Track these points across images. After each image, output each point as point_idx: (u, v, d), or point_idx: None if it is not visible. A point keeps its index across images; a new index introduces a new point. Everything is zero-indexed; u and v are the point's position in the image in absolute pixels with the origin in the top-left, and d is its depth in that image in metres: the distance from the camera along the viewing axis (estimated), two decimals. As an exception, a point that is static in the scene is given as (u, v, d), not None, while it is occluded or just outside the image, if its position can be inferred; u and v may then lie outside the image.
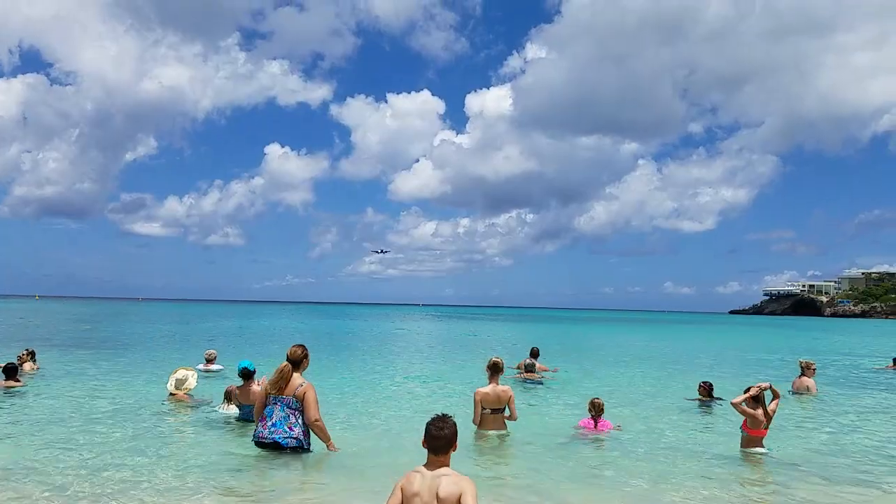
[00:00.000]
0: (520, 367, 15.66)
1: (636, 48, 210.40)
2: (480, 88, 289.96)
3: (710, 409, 11.72)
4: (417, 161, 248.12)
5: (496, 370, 8.62)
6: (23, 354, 15.35)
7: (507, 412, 8.67)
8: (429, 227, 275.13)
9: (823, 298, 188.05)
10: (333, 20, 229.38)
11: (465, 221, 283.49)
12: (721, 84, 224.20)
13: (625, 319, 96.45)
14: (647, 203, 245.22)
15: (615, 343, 36.19)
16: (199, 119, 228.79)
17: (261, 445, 7.24)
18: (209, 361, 15.74)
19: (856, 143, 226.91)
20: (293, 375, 7.16)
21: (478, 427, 8.55)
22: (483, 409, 8.52)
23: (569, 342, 35.49)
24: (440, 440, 4.31)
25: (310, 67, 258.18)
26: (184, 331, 38.50)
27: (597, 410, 9.35)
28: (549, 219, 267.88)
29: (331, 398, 11.46)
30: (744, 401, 8.25)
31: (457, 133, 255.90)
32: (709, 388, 12.42)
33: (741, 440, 8.33)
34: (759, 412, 8.19)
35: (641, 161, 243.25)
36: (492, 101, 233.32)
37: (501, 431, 8.65)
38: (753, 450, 8.16)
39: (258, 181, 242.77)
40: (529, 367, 15.36)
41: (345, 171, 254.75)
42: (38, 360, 16.06)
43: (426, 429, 4.40)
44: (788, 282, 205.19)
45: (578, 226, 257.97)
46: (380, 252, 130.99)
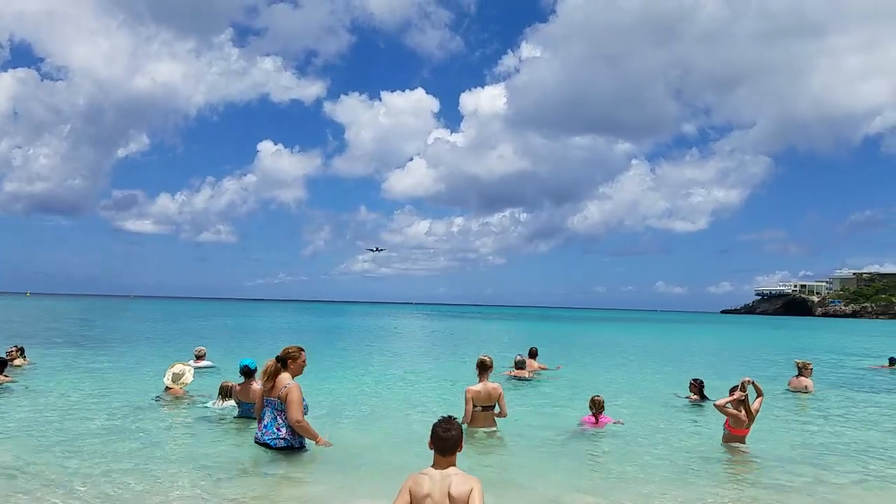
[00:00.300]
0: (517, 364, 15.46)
1: (630, 48, 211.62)
2: (475, 87, 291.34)
3: (701, 407, 11.77)
4: (411, 159, 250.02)
5: (484, 368, 8.71)
6: (12, 350, 15.30)
7: (498, 409, 8.73)
8: (422, 226, 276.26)
9: (815, 298, 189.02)
10: (328, 17, 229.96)
11: (459, 220, 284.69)
12: (714, 85, 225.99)
13: (617, 319, 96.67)
14: (640, 203, 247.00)
15: (607, 342, 36.30)
16: (192, 115, 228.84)
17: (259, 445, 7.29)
18: (199, 358, 15.74)
19: (848, 145, 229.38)
20: (281, 375, 7.03)
21: (468, 425, 8.57)
22: (474, 407, 8.59)
23: (562, 341, 35.56)
24: (447, 441, 4.40)
25: (303, 64, 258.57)
26: (175, 328, 38.36)
27: (597, 407, 9.50)
28: (543, 218, 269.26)
29: (326, 396, 11.47)
30: (727, 402, 8.35)
31: (451, 132, 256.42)
32: (700, 386, 12.48)
33: (723, 437, 8.45)
34: (742, 413, 8.29)
35: (635, 161, 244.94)
36: (486, 100, 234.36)
37: (492, 428, 8.70)
38: (736, 445, 8.25)
39: (251, 178, 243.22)
40: (520, 364, 15.17)
41: (338, 169, 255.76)
42: (30, 357, 16.02)
43: (433, 431, 4.48)
44: (780, 282, 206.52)
45: (572, 225, 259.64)
46: (374, 250, 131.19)
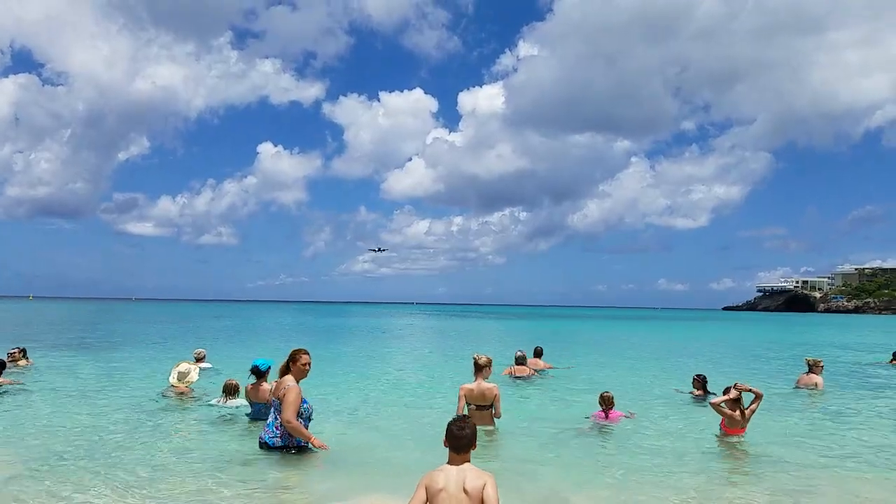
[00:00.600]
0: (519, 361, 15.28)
1: (628, 46, 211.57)
2: (473, 87, 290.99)
3: (704, 402, 11.74)
4: (410, 159, 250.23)
5: (478, 367, 8.67)
6: (15, 352, 15.32)
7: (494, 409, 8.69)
8: (422, 226, 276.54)
9: (817, 294, 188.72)
10: (326, 19, 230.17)
11: (458, 220, 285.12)
12: (713, 81, 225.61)
13: (618, 317, 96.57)
14: (640, 200, 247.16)
15: (608, 339, 36.25)
16: (192, 118, 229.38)
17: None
18: (198, 360, 15.70)
19: (848, 140, 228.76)
20: (286, 377, 7.16)
21: None
22: (469, 406, 8.57)
23: (563, 339, 35.53)
24: (462, 439, 4.54)
25: (302, 66, 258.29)
26: (177, 330, 38.38)
27: (607, 404, 9.64)
28: (543, 217, 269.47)
29: (328, 395, 11.46)
30: (722, 402, 8.40)
31: (449, 131, 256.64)
32: (703, 382, 12.45)
33: (719, 436, 8.51)
34: (737, 413, 8.32)
35: (634, 158, 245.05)
36: (484, 100, 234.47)
37: (488, 427, 8.65)
38: (734, 441, 8.29)
39: (251, 180, 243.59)
40: (520, 360, 14.91)
41: (338, 170, 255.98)
42: (33, 358, 16.03)
43: (448, 429, 4.62)
44: (782, 278, 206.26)
45: (571, 223, 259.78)
46: (377, 251, 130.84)
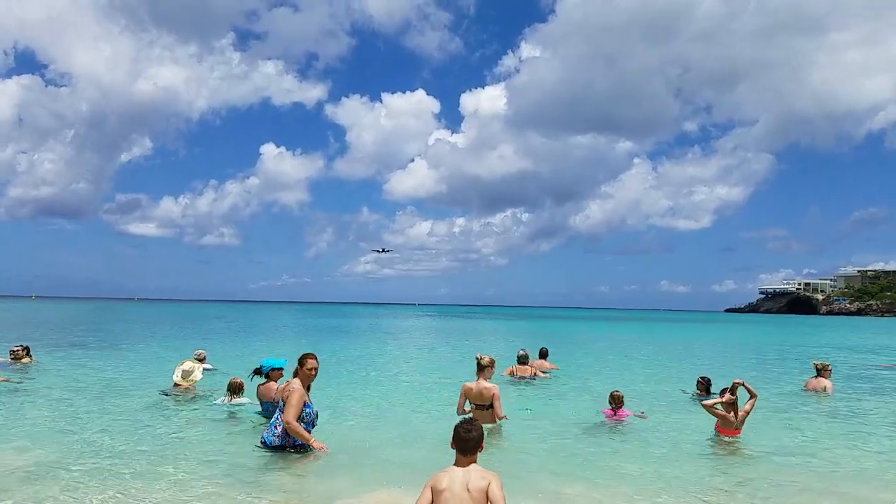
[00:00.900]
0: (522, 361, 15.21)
1: (630, 47, 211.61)
2: (475, 88, 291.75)
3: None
4: (412, 161, 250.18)
5: (480, 367, 8.76)
6: (18, 349, 15.28)
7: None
8: (424, 227, 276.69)
9: (819, 296, 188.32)
10: (328, 20, 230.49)
11: (461, 221, 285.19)
12: (715, 82, 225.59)
13: (620, 318, 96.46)
14: (643, 201, 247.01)
15: (611, 340, 36.18)
16: (194, 119, 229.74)
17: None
18: (199, 361, 15.71)
19: (850, 141, 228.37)
20: (292, 379, 7.27)
21: None
22: (469, 404, 8.71)
23: (565, 340, 35.48)
24: (469, 441, 4.59)
25: (304, 67, 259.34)
26: (179, 330, 38.40)
27: (616, 402, 9.87)
28: (545, 218, 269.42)
29: (329, 395, 11.43)
30: (716, 404, 8.44)
31: (452, 132, 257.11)
32: (707, 384, 12.41)
33: (717, 437, 8.51)
34: (731, 414, 8.33)
35: (636, 160, 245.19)
36: (486, 101, 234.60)
37: (488, 425, 8.65)
38: (731, 440, 8.32)
39: (253, 181, 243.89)
40: (522, 359, 14.82)
41: (340, 171, 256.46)
42: (36, 357, 16.04)
43: (455, 431, 4.66)
44: (784, 280, 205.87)
45: (574, 224, 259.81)
46: (381, 251, 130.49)
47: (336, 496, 5.94)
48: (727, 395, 8.36)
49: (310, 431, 7.18)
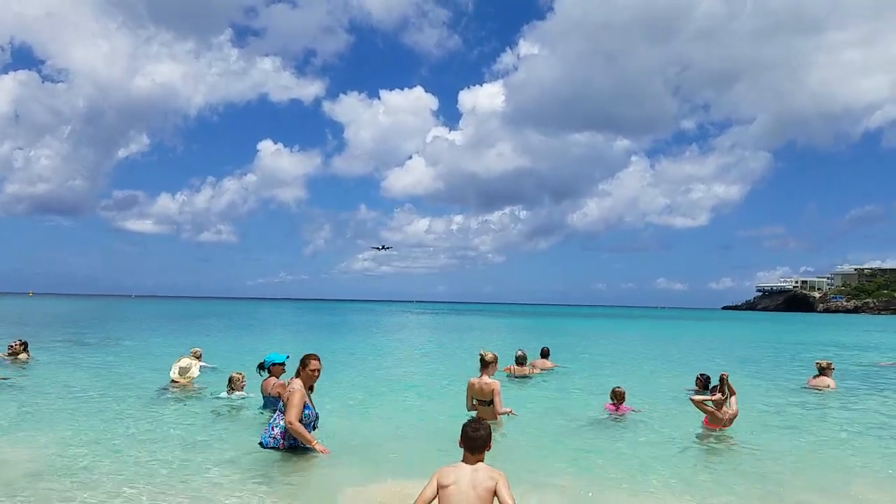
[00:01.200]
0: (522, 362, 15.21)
1: (628, 45, 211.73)
2: (473, 85, 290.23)
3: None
4: (410, 158, 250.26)
5: (483, 363, 8.83)
6: (15, 344, 15.15)
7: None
8: (422, 224, 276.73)
9: (816, 294, 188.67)
10: (326, 17, 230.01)
11: (459, 218, 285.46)
12: (713, 81, 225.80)
13: (618, 315, 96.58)
14: (640, 199, 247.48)
15: (609, 338, 36.24)
16: (192, 116, 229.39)
17: None
18: (196, 358, 15.68)
19: (847, 140, 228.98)
20: (293, 379, 7.23)
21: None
22: (474, 400, 8.81)
23: (564, 337, 35.50)
24: (476, 440, 4.68)
25: (302, 64, 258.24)
26: (176, 327, 38.37)
27: (618, 398, 10.17)
28: (542, 215, 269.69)
29: (330, 394, 11.42)
30: (706, 400, 8.67)
31: (450, 130, 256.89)
32: (705, 381, 12.39)
33: (701, 433, 8.64)
34: (720, 411, 8.54)
35: (634, 157, 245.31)
36: (485, 98, 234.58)
37: (490, 421, 8.68)
38: (728, 436, 8.42)
39: (251, 178, 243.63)
40: (519, 360, 14.79)
41: (338, 168, 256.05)
42: (33, 353, 15.98)
43: (463, 430, 4.77)
44: (781, 278, 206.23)
45: (571, 222, 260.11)
46: (380, 248, 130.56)
47: (337, 488, 5.96)
48: (717, 395, 8.61)
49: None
